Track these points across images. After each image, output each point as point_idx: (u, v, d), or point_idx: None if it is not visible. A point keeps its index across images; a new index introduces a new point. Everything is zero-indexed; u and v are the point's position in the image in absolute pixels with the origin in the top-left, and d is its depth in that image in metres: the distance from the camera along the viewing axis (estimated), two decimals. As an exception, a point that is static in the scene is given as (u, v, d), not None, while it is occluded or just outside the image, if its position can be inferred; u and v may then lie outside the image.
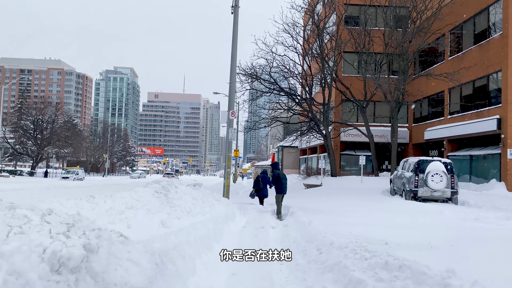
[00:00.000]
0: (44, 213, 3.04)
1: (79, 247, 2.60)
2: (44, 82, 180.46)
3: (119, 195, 7.79)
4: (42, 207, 3.28)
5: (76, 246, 2.59)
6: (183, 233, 5.58)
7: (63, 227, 2.89)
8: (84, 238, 2.80)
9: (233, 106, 15.24)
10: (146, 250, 3.32)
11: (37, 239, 2.52)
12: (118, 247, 2.96)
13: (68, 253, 2.48)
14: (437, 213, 10.76)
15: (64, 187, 28.64)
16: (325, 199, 16.22)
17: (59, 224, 2.92)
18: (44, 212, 3.06)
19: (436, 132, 26.58)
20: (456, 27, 24.80)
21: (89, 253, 2.63)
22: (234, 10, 15.76)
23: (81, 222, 3.22)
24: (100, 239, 2.80)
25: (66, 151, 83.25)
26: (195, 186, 11.86)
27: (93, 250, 2.65)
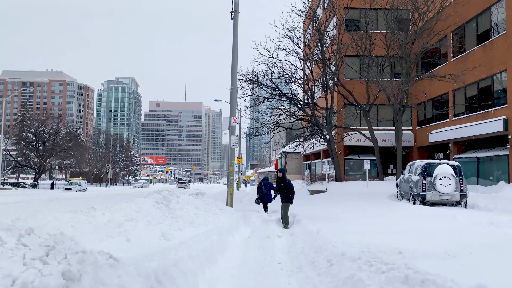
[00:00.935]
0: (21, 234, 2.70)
1: (57, 276, 2.25)
2: (46, 94, 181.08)
3: (118, 206, 7.48)
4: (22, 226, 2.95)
5: (53, 275, 2.25)
6: (185, 246, 5.25)
7: (41, 251, 2.54)
8: (64, 263, 2.45)
9: (234, 112, 14.96)
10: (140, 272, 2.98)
11: (6, 268, 2.17)
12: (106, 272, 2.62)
13: (42, 284, 2.13)
14: (448, 217, 10.39)
15: (66, 198, 28.34)
16: (331, 205, 15.86)
17: (37, 247, 2.58)
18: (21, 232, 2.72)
19: (441, 134, 26.20)
20: (459, 27, 24.53)
21: (69, 282, 2.27)
22: (234, 16, 15.53)
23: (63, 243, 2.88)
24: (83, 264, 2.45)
25: (68, 162, 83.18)
26: (197, 195, 11.54)
27: (74, 278, 2.30)
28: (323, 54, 25.93)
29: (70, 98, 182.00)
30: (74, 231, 4.94)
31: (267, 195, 14.77)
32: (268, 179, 15.46)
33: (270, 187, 14.73)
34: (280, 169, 12.63)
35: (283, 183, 12.00)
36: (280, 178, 12.20)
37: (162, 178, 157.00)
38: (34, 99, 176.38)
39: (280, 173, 12.34)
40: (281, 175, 12.26)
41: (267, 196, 14.81)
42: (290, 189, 11.86)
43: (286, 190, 11.82)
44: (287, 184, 11.92)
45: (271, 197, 14.75)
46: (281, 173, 12.34)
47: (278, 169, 12.86)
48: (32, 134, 63.05)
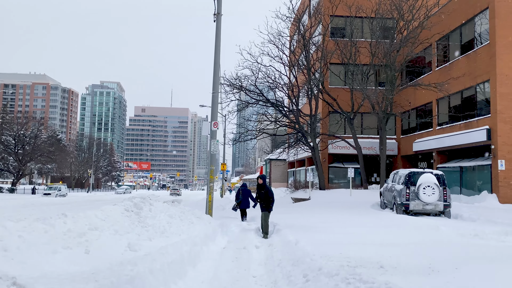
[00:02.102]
0: None
1: None
2: (29, 97, 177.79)
3: (83, 214, 6.95)
4: None
5: None
6: (147, 260, 4.77)
7: None
8: None
9: (216, 117, 14.54)
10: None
11: None
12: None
13: None
14: (432, 228, 10.10)
15: (43, 204, 27.40)
16: (314, 214, 15.48)
17: None
18: None
19: (425, 143, 26.18)
20: (443, 37, 24.62)
21: None
22: (217, 18, 15.17)
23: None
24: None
25: (49, 166, 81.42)
26: (173, 202, 11.02)
27: None
28: (308, 60, 25.74)
29: (54, 101, 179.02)
30: (21, 242, 4.43)
31: (244, 202, 14.89)
32: (247, 186, 15.71)
33: (248, 194, 14.93)
34: (261, 176, 11.97)
35: (263, 190, 11.36)
36: (261, 185, 11.52)
37: (146, 184, 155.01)
38: (16, 102, 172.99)
39: (261, 180, 11.66)
40: (261, 181, 11.59)
41: (244, 203, 15.00)
42: (270, 196, 11.26)
43: (266, 197, 11.19)
44: (267, 191, 11.31)
45: (248, 204, 14.94)
46: (261, 180, 11.66)
47: (259, 176, 12.13)
48: (12, 138, 61.46)
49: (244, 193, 15.16)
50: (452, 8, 23.73)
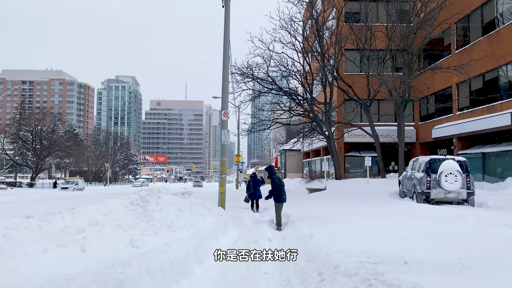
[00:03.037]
0: None
1: None
2: (46, 93, 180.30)
3: (83, 209, 6.57)
4: None
5: None
6: (145, 259, 4.34)
7: None
8: None
9: (226, 106, 14.06)
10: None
11: None
12: None
13: None
14: (457, 218, 9.47)
15: (57, 198, 27.47)
16: (330, 204, 14.95)
17: None
18: None
19: (445, 129, 25.24)
20: (463, 18, 23.53)
21: None
22: (225, 2, 14.63)
23: None
24: None
25: (67, 161, 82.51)
26: (183, 194, 10.62)
27: None
28: (322, 46, 24.96)
29: (70, 97, 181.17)
30: (5, 241, 4.04)
31: (255, 192, 14.95)
32: (256, 176, 15.70)
33: (258, 184, 15.09)
34: (267, 167, 11.50)
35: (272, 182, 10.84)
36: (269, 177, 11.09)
37: (162, 176, 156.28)
38: (34, 98, 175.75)
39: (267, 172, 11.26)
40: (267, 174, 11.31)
41: (255, 194, 15.07)
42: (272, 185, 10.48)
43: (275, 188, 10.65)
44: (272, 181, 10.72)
45: (259, 194, 14.96)
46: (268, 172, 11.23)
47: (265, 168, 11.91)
48: (29, 133, 62.27)
49: (254, 184, 15.16)
50: (472, -13, 22.64)
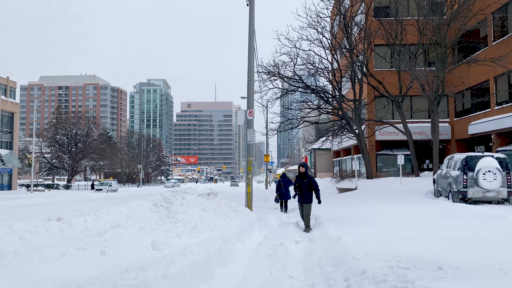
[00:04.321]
0: None
1: None
2: (81, 98, 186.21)
3: (106, 211, 6.54)
4: None
5: None
6: (163, 262, 4.20)
7: None
8: None
9: (252, 105, 13.88)
10: None
11: None
12: None
13: None
14: (497, 218, 8.89)
15: (91, 199, 28.12)
16: (360, 205, 14.50)
17: None
18: None
19: (482, 125, 24.12)
20: (501, 7, 22.39)
21: None
22: (250, 1, 14.46)
23: None
24: None
25: (101, 163, 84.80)
26: (209, 195, 10.51)
27: None
28: (350, 42, 24.38)
29: (104, 100, 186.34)
30: (21, 245, 3.99)
31: (286, 192, 15.12)
32: (286, 176, 15.90)
33: (289, 184, 15.06)
34: (302, 163, 10.58)
35: (306, 179, 10.18)
36: (303, 173, 10.27)
37: (193, 177, 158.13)
38: (70, 103, 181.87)
39: (303, 168, 10.33)
40: (303, 170, 10.29)
41: (286, 194, 15.14)
42: (314, 185, 10.06)
43: (310, 187, 10.08)
44: (311, 180, 10.17)
45: (289, 195, 14.94)
46: (303, 168, 10.33)
47: (300, 164, 10.65)
48: (65, 137, 64.38)
49: (285, 184, 15.20)
50: (510, -26, 21.51)
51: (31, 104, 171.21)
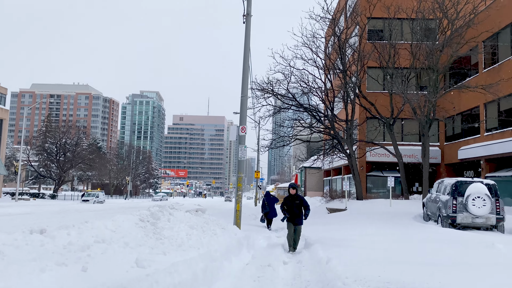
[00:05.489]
0: None
1: None
2: (73, 107, 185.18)
3: (90, 224, 6.35)
4: None
5: None
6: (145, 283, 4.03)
7: None
8: None
9: (244, 121, 13.82)
10: None
11: None
12: None
13: None
14: (485, 245, 8.84)
15: (77, 210, 27.62)
16: (350, 226, 14.38)
17: None
18: None
19: (472, 151, 24.34)
20: (492, 36, 22.86)
21: None
22: (246, 19, 14.53)
23: None
24: None
25: (89, 173, 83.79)
26: (197, 212, 10.32)
27: None
28: (344, 63, 24.63)
29: (95, 110, 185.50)
30: None
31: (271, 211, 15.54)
32: (270, 194, 16.47)
33: (273, 202, 15.72)
34: (292, 185, 10.11)
35: (297, 200, 9.75)
36: (293, 195, 9.83)
37: (182, 191, 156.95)
38: (61, 112, 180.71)
39: (293, 190, 9.88)
40: (294, 192, 9.85)
41: (272, 213, 15.56)
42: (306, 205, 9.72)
43: (299, 209, 9.67)
44: (302, 201, 9.77)
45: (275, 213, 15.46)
46: (294, 190, 9.89)
47: (291, 185, 10.13)
48: (54, 145, 63.60)
49: (269, 202, 15.66)
50: (501, 4, 22.02)
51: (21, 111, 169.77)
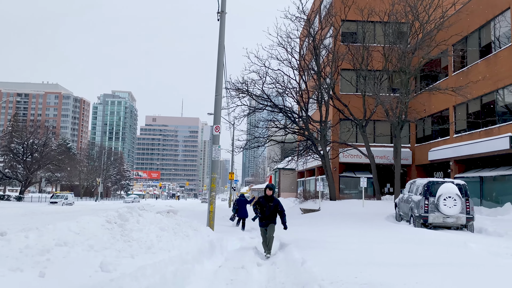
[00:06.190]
0: None
1: None
2: (41, 106, 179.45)
3: (52, 226, 5.95)
4: None
5: None
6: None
7: None
8: None
9: (218, 121, 13.55)
10: None
11: None
12: None
13: None
14: (458, 245, 8.89)
15: (43, 213, 26.56)
16: (324, 226, 14.33)
17: None
18: None
19: (441, 152, 24.87)
20: (461, 40, 23.44)
21: None
22: (221, 16, 14.28)
23: None
24: None
25: (58, 175, 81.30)
26: (168, 213, 9.98)
27: None
28: (318, 64, 24.70)
29: (65, 110, 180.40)
30: None
31: (240, 211, 16.03)
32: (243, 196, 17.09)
33: (244, 203, 16.25)
34: (270, 185, 9.66)
35: (271, 202, 9.37)
36: (269, 196, 9.41)
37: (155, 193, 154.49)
38: (29, 111, 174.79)
39: (270, 191, 9.43)
40: (270, 192, 9.41)
41: (241, 212, 16.00)
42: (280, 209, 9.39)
43: (274, 211, 9.33)
44: (277, 204, 9.40)
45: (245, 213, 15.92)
46: (271, 191, 9.44)
47: (268, 185, 9.69)
48: (20, 146, 61.30)
49: (239, 203, 16.19)
50: (470, 9, 22.61)
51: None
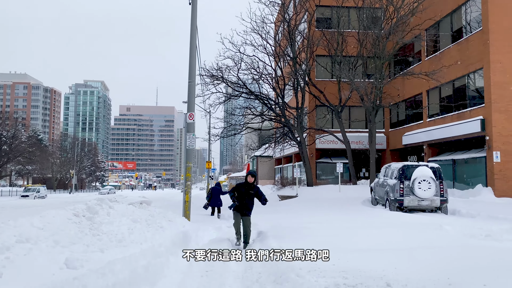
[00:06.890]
0: None
1: None
2: (9, 97, 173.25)
3: (13, 222, 5.59)
4: None
5: None
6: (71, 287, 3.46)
7: None
8: None
9: (193, 108, 13.20)
10: None
11: None
12: None
13: None
14: (434, 227, 8.96)
15: (12, 207, 25.69)
16: (301, 213, 14.29)
17: None
18: None
19: (415, 136, 25.24)
20: (434, 24, 23.63)
21: None
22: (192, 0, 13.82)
23: None
24: None
25: (30, 168, 79.06)
26: (141, 204, 9.67)
27: None
28: (293, 50, 24.49)
29: (35, 101, 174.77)
30: None
31: (213, 199, 16.08)
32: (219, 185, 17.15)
33: (218, 192, 16.31)
34: (252, 172, 9.23)
35: (252, 190, 8.94)
36: (250, 184, 8.96)
37: (131, 183, 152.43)
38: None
39: (252, 178, 9.00)
40: (252, 180, 8.98)
41: (213, 201, 16.06)
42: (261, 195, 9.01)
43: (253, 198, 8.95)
44: (257, 191, 9.03)
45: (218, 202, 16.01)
46: (253, 178, 9.02)
47: (250, 172, 9.28)
48: (-13, 138, 59.16)
49: (213, 192, 16.28)
50: (442, -6, 22.77)
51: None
